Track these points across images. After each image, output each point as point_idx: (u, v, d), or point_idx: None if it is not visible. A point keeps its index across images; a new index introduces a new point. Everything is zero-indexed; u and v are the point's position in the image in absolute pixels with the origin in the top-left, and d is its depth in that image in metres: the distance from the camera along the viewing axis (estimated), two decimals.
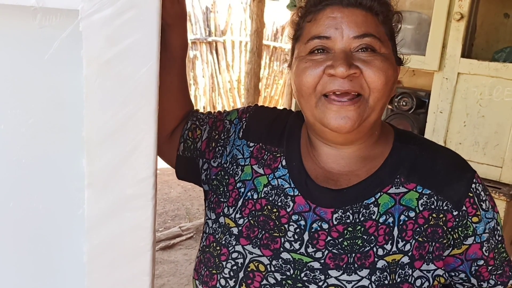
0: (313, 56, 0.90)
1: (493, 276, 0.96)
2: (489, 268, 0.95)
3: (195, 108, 1.15)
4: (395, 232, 0.90)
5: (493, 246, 0.95)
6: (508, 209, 2.25)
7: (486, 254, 0.94)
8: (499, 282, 0.97)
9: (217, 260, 0.96)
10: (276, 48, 9.02)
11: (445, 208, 0.91)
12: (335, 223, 0.92)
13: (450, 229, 0.91)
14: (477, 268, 0.95)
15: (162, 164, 1.16)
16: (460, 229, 0.91)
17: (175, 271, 3.81)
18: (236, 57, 8.57)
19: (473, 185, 0.93)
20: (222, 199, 1.02)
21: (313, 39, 0.90)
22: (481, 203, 0.93)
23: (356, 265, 0.89)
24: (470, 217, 0.91)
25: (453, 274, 0.96)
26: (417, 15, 2.66)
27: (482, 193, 0.94)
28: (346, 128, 0.87)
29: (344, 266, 0.89)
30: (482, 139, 2.37)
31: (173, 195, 5.48)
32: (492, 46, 2.61)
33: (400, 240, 0.90)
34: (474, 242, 0.93)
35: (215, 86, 8.38)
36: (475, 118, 2.38)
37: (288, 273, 0.91)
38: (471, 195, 0.92)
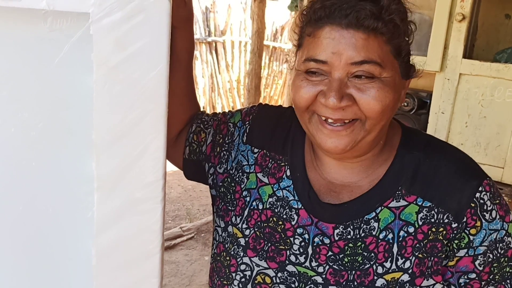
0: (309, 76, 0.87)
1: None
2: (483, 283, 0.90)
3: (201, 110, 1.14)
4: (395, 249, 0.89)
5: (490, 259, 0.88)
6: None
7: (480, 268, 0.89)
8: None
9: (227, 271, 0.98)
10: (275, 48, 9.01)
11: (446, 221, 0.88)
12: (336, 238, 0.91)
13: (447, 241, 0.88)
14: (467, 281, 0.90)
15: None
16: (456, 241, 0.88)
17: (176, 272, 3.81)
18: (235, 57, 8.56)
19: (477, 194, 0.88)
20: (230, 207, 1.02)
21: (309, 60, 0.86)
22: (484, 213, 0.87)
23: (355, 283, 0.88)
24: (468, 229, 0.87)
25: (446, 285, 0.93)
26: (419, 16, 2.66)
27: (488, 202, 0.88)
28: (337, 151, 0.86)
29: (344, 283, 0.89)
30: (484, 139, 2.37)
31: (173, 196, 5.48)
32: (493, 47, 2.61)
33: (399, 257, 0.88)
34: (467, 254, 0.88)
35: (215, 86, 8.37)
36: (476, 119, 2.38)
37: (293, 286, 0.92)
38: (473, 205, 0.87)
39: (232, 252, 0.98)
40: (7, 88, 0.65)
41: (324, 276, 0.90)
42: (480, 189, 0.88)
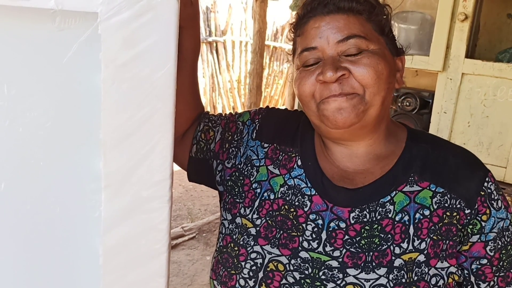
0: (307, 67, 0.94)
1: (496, 278, 0.95)
2: (493, 268, 0.94)
3: (206, 110, 1.15)
4: (411, 231, 0.91)
5: (500, 246, 0.94)
6: None
7: (491, 253, 0.93)
8: (496, 286, 0.96)
9: (235, 261, 0.97)
10: (276, 48, 9.02)
11: (458, 206, 0.92)
12: (352, 222, 0.93)
13: (461, 227, 0.92)
14: (479, 266, 0.94)
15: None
16: (470, 226, 0.92)
17: (178, 272, 3.81)
18: (236, 57, 8.57)
19: (485, 184, 0.93)
20: (237, 200, 1.03)
21: (302, 52, 0.94)
22: (492, 202, 0.93)
23: (374, 264, 0.90)
24: (480, 215, 0.92)
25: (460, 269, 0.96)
26: (421, 15, 2.66)
27: (494, 192, 0.94)
28: (342, 120, 0.89)
29: (362, 264, 0.90)
30: (486, 139, 2.37)
31: (174, 196, 5.48)
32: (495, 47, 2.61)
33: (416, 238, 0.91)
34: (479, 240, 0.93)
35: (215, 86, 8.38)
36: (479, 119, 2.38)
37: (306, 272, 0.92)
38: (482, 193, 0.92)
39: (241, 242, 0.98)
40: (15, 87, 0.65)
41: (340, 259, 0.91)
42: (487, 179, 0.94)
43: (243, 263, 0.96)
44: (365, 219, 0.93)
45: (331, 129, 0.92)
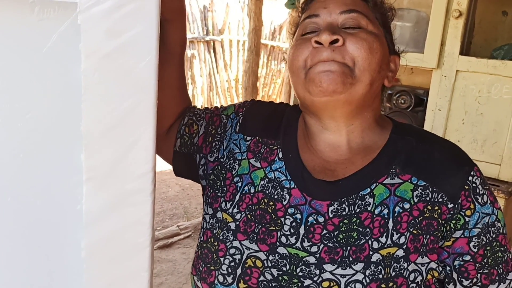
0: (305, 36, 0.95)
1: (479, 275, 0.93)
2: (477, 265, 0.92)
3: (193, 105, 1.14)
4: (390, 225, 0.89)
5: (484, 242, 0.91)
6: (507, 206, 2.25)
7: (474, 250, 0.91)
8: (479, 284, 0.93)
9: (215, 256, 0.95)
10: (274, 47, 9.01)
11: (440, 200, 0.90)
12: (330, 216, 0.91)
13: (443, 222, 0.90)
14: (462, 263, 0.91)
15: (160, 163, 1.15)
16: (453, 221, 0.90)
17: (173, 270, 3.81)
18: (234, 56, 8.56)
19: (470, 178, 0.91)
20: (219, 194, 1.01)
21: (304, 19, 0.96)
22: (477, 196, 0.91)
23: (351, 259, 0.88)
24: (463, 210, 0.90)
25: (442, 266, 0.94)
26: (415, 12, 2.66)
27: (479, 186, 0.92)
28: (328, 81, 0.87)
29: (339, 260, 0.88)
30: (481, 136, 2.37)
31: (171, 194, 5.48)
32: (491, 44, 2.61)
33: (394, 232, 0.89)
34: (462, 236, 0.91)
35: (213, 85, 8.37)
36: (473, 116, 2.37)
37: (284, 269, 0.90)
38: (467, 187, 0.90)
39: (221, 237, 0.96)
40: None
41: (318, 255, 0.89)
42: (472, 173, 0.92)
43: (222, 259, 0.94)
44: (343, 213, 0.91)
45: (315, 97, 0.90)
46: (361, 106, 0.93)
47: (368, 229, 0.90)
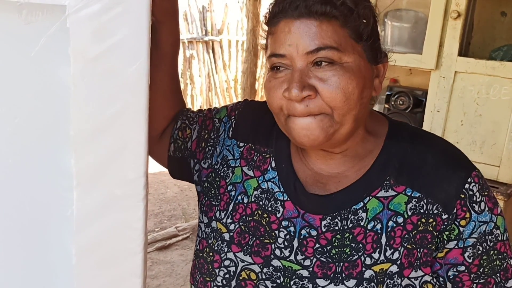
0: (276, 73, 0.87)
1: (475, 285, 0.89)
2: (472, 275, 0.88)
3: (187, 107, 1.13)
4: (383, 240, 0.87)
5: (480, 252, 0.87)
6: (506, 208, 2.24)
7: (469, 260, 0.87)
8: None
9: (210, 267, 0.95)
10: None
11: (435, 211, 0.87)
12: (323, 230, 0.89)
13: (437, 233, 0.87)
14: (456, 273, 0.88)
15: (158, 164, 1.14)
16: (446, 232, 0.87)
17: (171, 272, 3.79)
18: (232, 56, 8.55)
19: (466, 185, 0.87)
20: (214, 202, 1.00)
21: (271, 57, 0.87)
22: (474, 204, 0.86)
23: (343, 275, 0.87)
24: (458, 220, 0.86)
25: (435, 277, 0.91)
26: (414, 13, 2.65)
27: (477, 194, 0.87)
28: (310, 143, 0.84)
29: (331, 275, 0.87)
30: (479, 138, 2.36)
31: (169, 195, 5.46)
32: (489, 45, 2.60)
33: (388, 248, 0.87)
34: (456, 246, 0.87)
35: (212, 86, 8.36)
36: (472, 117, 2.36)
37: (278, 281, 0.89)
38: (462, 196, 0.86)
39: (216, 248, 0.95)
40: None
41: (311, 269, 0.88)
42: (469, 180, 0.87)
43: (217, 270, 0.94)
44: (336, 228, 0.89)
45: (298, 145, 0.88)
46: (349, 136, 0.89)
47: (361, 245, 0.87)
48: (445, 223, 0.87)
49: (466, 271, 0.88)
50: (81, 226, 0.71)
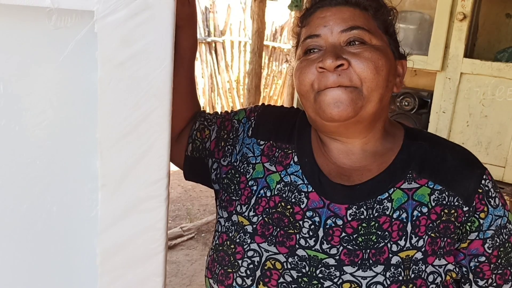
0: (308, 56, 0.94)
1: (494, 275, 0.95)
2: (492, 266, 0.94)
3: (203, 109, 1.15)
4: (409, 228, 0.91)
5: (498, 244, 0.93)
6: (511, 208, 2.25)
7: (489, 251, 0.93)
8: (494, 284, 0.96)
9: (232, 259, 0.96)
10: (275, 48, 9.01)
11: (456, 203, 0.92)
12: (349, 219, 0.93)
13: (459, 224, 0.92)
14: (477, 264, 0.94)
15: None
16: (468, 224, 0.92)
17: (177, 272, 3.81)
18: (235, 57, 8.56)
19: (483, 181, 0.93)
20: (234, 197, 1.02)
21: (305, 39, 0.95)
22: (490, 199, 0.93)
23: (371, 261, 0.90)
24: (477, 213, 0.92)
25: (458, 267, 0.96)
26: (419, 15, 2.66)
27: (492, 189, 0.94)
28: (339, 113, 0.88)
29: (359, 262, 0.90)
30: (485, 139, 2.37)
31: (173, 196, 5.48)
32: (494, 46, 2.62)
33: (413, 236, 0.91)
34: (477, 238, 0.93)
35: (214, 86, 8.37)
36: (477, 118, 2.38)
37: (304, 270, 0.92)
38: (480, 191, 0.92)
39: (238, 240, 0.98)
40: (12, 86, 0.65)
41: (337, 257, 0.91)
42: (484, 177, 0.94)
43: (240, 261, 0.95)
44: (362, 216, 0.92)
45: (326, 122, 0.92)
46: (372, 121, 0.95)
47: (387, 233, 0.91)
48: (466, 215, 0.92)
49: (486, 261, 0.94)
50: (106, 226, 0.72)
